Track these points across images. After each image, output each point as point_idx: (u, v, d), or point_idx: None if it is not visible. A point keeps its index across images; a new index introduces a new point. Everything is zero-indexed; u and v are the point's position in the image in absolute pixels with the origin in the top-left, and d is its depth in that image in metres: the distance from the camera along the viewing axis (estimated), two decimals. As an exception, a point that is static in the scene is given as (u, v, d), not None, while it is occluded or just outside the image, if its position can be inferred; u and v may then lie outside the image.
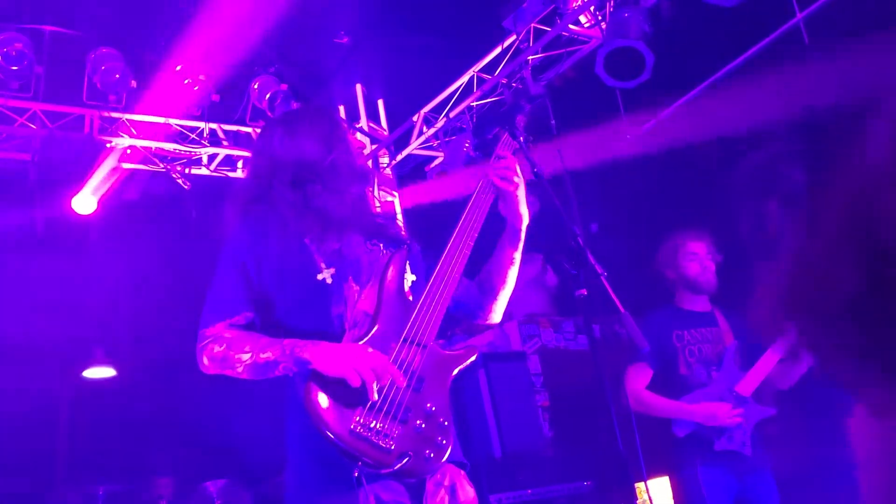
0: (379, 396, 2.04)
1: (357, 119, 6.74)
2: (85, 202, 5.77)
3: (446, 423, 2.11)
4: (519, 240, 2.47)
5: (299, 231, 2.23)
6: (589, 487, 4.93)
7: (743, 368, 3.81)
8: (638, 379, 3.87)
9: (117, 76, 5.59)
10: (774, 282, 0.84)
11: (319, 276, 2.19)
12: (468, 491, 2.24)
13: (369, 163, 6.56)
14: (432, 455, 2.06)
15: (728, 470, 3.71)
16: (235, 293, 2.21)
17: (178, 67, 5.89)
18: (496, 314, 2.49)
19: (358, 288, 2.22)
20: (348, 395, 2.03)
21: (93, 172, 5.78)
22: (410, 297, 2.28)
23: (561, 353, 5.80)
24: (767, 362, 3.74)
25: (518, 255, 2.48)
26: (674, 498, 3.94)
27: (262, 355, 2.10)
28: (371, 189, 2.48)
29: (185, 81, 5.89)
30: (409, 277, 2.33)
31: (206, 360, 2.19)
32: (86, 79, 5.66)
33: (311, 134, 2.36)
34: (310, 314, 2.19)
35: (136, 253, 6.77)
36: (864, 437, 0.84)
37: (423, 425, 2.07)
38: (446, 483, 2.20)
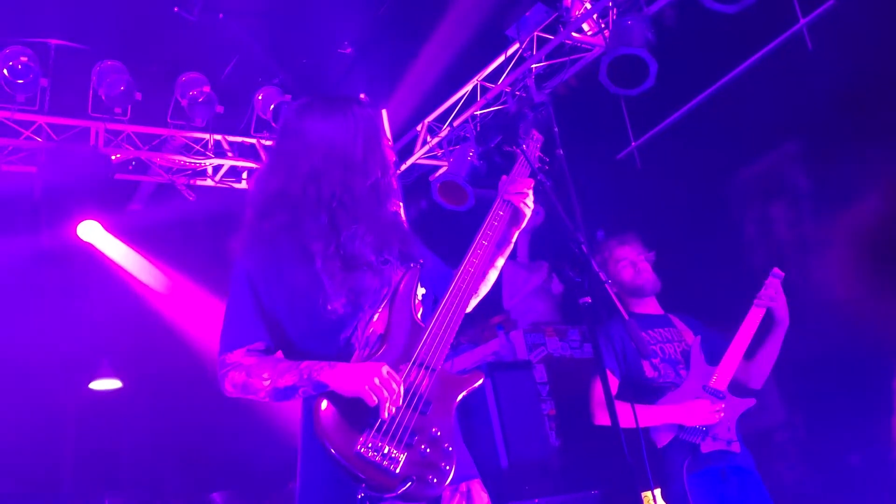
0: (388, 417, 2.05)
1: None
2: (90, 229, 5.81)
3: (451, 449, 2.12)
4: (509, 246, 2.51)
5: (311, 254, 2.20)
6: (596, 497, 4.91)
7: (711, 363, 3.68)
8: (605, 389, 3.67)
9: (122, 88, 5.61)
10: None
11: (330, 307, 2.17)
12: (483, 497, 2.25)
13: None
14: (435, 480, 2.07)
15: (718, 473, 3.54)
16: (250, 319, 2.21)
17: (184, 79, 5.93)
18: (471, 306, 2.45)
19: (370, 312, 2.22)
20: (357, 416, 2.04)
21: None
22: (420, 312, 2.28)
23: (567, 361, 5.78)
24: (736, 352, 3.63)
25: (502, 262, 2.52)
26: None
27: (281, 381, 2.11)
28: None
29: (190, 93, 5.91)
30: (420, 291, 2.33)
31: (229, 387, 2.19)
32: (91, 91, 5.69)
33: (335, 124, 2.33)
34: (319, 342, 2.19)
35: (142, 264, 6.78)
36: None
37: (428, 450, 2.08)
38: (462, 489, 2.22)
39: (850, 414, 4.72)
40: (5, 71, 5.36)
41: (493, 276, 2.51)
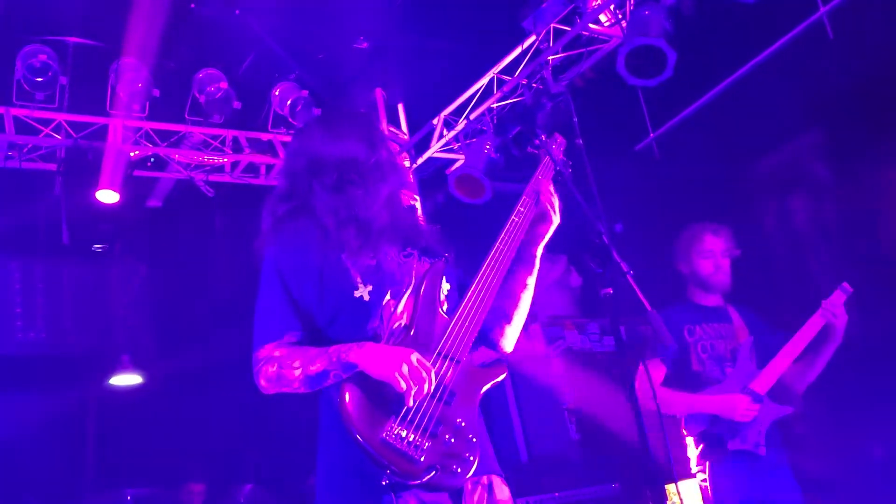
0: (413, 405, 2.05)
1: (379, 123, 6.75)
2: (107, 195, 5.81)
3: (474, 440, 2.13)
4: (534, 266, 2.45)
5: (338, 244, 2.22)
6: (617, 490, 4.89)
7: (758, 366, 3.67)
8: (652, 375, 3.73)
9: (140, 85, 5.65)
10: None
11: (357, 294, 2.20)
12: (504, 491, 2.25)
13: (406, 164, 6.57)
14: (459, 470, 2.08)
15: (741, 471, 3.54)
16: (281, 313, 2.21)
17: (201, 75, 5.95)
18: (508, 341, 2.42)
19: (394, 302, 2.23)
20: (382, 404, 2.06)
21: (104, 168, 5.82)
22: (445, 307, 2.29)
23: (587, 354, 5.76)
24: (784, 359, 3.62)
25: (532, 281, 2.44)
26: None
27: (312, 367, 2.12)
28: (412, 192, 2.51)
29: (208, 89, 5.93)
30: (444, 287, 2.33)
31: (263, 383, 2.20)
32: (109, 89, 5.72)
33: (354, 134, 2.34)
34: (347, 329, 2.20)
35: (162, 260, 6.83)
36: None
37: (453, 440, 2.09)
38: (484, 481, 2.22)
39: (872, 405, 4.68)
40: (25, 69, 5.41)
41: (526, 299, 2.43)
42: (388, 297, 2.22)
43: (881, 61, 4.67)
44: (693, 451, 3.67)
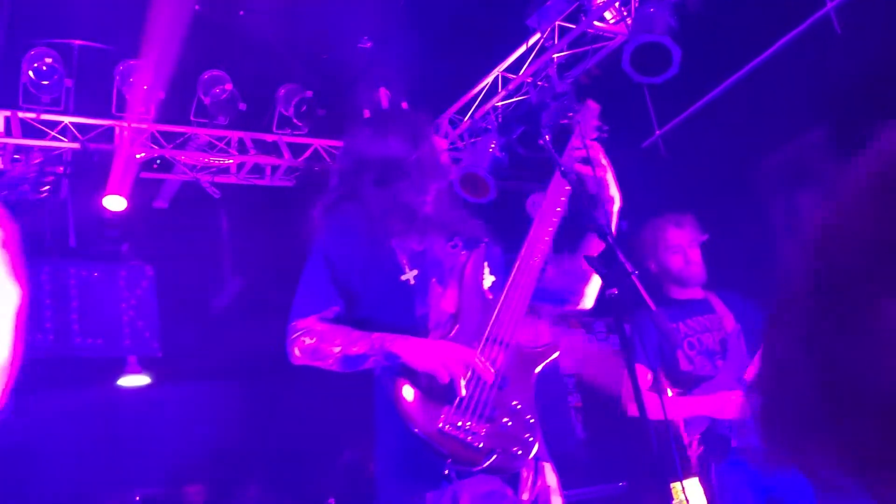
0: (466, 393, 2.06)
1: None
2: (114, 201, 5.83)
3: (532, 420, 2.15)
4: (611, 223, 2.47)
5: (385, 230, 2.28)
6: (623, 488, 4.88)
7: (751, 353, 3.51)
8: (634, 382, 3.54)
9: (145, 87, 5.65)
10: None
11: (403, 277, 2.24)
12: (553, 477, 2.29)
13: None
14: (520, 452, 2.10)
15: (748, 468, 3.40)
16: (325, 287, 2.27)
17: (206, 77, 5.95)
18: (589, 298, 2.51)
19: (441, 289, 2.27)
20: (436, 393, 2.08)
21: (113, 174, 5.84)
22: (491, 297, 2.31)
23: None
24: None
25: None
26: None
27: (353, 349, 2.16)
28: (454, 187, 2.56)
29: (213, 91, 5.94)
30: (489, 278, 2.36)
31: (297, 352, 2.23)
32: (114, 91, 5.73)
33: (398, 132, 2.42)
34: (394, 313, 2.24)
35: (168, 261, 6.83)
36: None
37: (510, 422, 2.11)
38: (536, 468, 2.25)
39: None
40: (31, 73, 5.42)
41: (591, 291, 2.48)
42: (434, 282, 2.26)
43: (889, 56, 4.64)
44: (695, 453, 3.57)
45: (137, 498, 6.16)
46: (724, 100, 5.56)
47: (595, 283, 2.47)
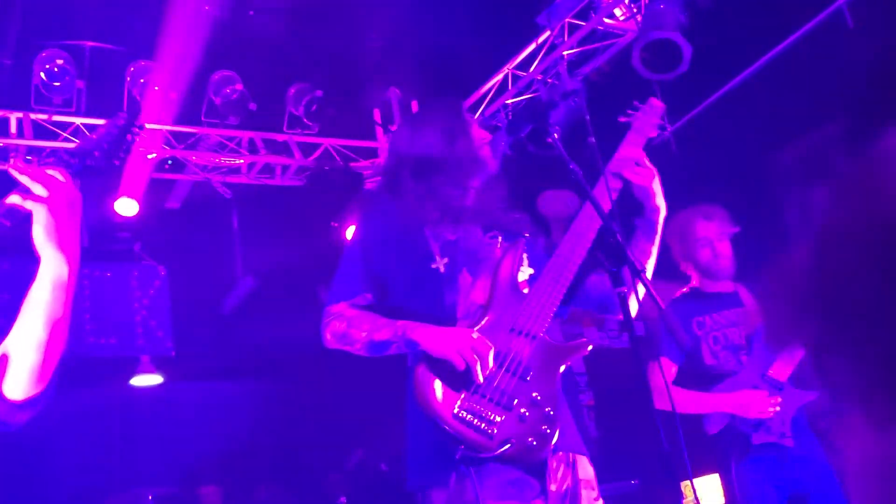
0: (483, 380, 2.08)
1: (392, 122, 6.75)
2: (126, 205, 5.86)
3: (552, 413, 2.14)
4: (655, 232, 2.50)
5: (419, 218, 2.33)
6: (636, 486, 4.86)
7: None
8: (661, 375, 3.56)
9: (156, 88, 5.67)
10: (787, 277, 0.78)
11: (433, 265, 2.28)
12: (589, 471, 2.30)
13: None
14: (535, 443, 2.10)
15: (769, 465, 3.37)
16: (357, 275, 2.34)
17: (216, 77, 5.96)
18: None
19: (471, 279, 2.30)
20: (454, 379, 2.10)
21: (125, 177, 5.87)
22: (525, 290, 2.32)
23: (605, 351, 5.72)
24: None
25: (655, 249, 2.51)
26: (725, 495, 3.73)
27: (377, 335, 2.22)
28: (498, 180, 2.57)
29: (223, 91, 5.95)
30: (527, 270, 2.38)
31: (329, 336, 2.31)
32: (126, 92, 5.75)
33: (434, 128, 2.46)
34: (423, 301, 2.29)
35: (180, 261, 6.86)
36: (860, 447, 0.77)
37: (527, 413, 2.12)
38: (568, 459, 2.26)
39: None
40: (42, 74, 5.45)
41: (650, 266, 2.51)
42: (465, 272, 2.29)
43: None
44: (714, 450, 3.54)
45: (150, 497, 6.19)
46: (736, 95, 5.52)
47: (638, 291, 2.44)
